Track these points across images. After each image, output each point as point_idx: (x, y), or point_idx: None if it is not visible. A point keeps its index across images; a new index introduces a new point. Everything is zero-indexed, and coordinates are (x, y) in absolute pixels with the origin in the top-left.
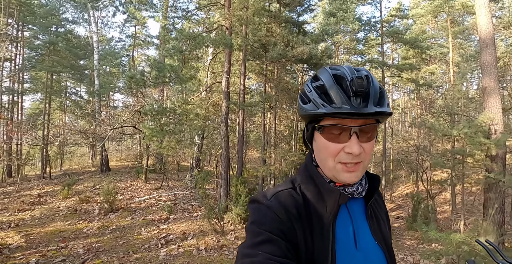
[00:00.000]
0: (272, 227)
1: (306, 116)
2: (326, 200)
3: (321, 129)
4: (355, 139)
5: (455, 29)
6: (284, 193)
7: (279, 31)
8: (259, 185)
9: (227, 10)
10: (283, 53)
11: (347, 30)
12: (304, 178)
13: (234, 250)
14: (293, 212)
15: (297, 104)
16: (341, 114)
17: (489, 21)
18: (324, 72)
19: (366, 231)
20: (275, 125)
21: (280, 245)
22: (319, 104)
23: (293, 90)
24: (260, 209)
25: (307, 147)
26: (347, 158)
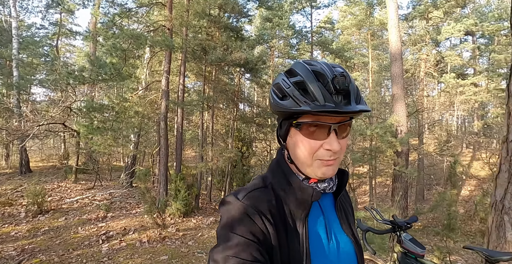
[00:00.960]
0: (244, 230)
1: (283, 112)
2: (300, 197)
3: (299, 126)
4: (334, 136)
5: (374, 42)
6: (256, 193)
7: (219, 36)
8: (198, 181)
9: (168, 12)
10: (222, 57)
11: (282, 36)
12: (276, 176)
13: (176, 240)
14: (266, 212)
15: (270, 99)
16: (325, 112)
17: (398, 39)
18: (302, 68)
19: (336, 224)
20: (213, 124)
21: (253, 248)
22: (301, 101)
23: (230, 92)
24: (231, 210)
25: (280, 143)
26: (326, 155)
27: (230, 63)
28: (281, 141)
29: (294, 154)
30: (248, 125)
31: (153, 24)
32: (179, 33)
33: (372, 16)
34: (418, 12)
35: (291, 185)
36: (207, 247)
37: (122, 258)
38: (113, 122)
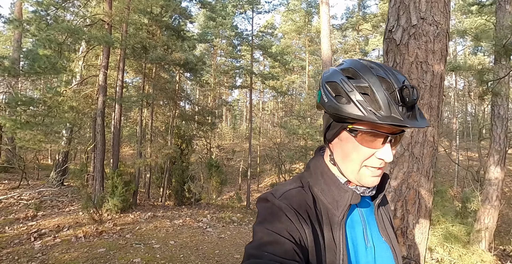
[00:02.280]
0: (281, 227)
1: (339, 116)
2: (338, 199)
3: (354, 132)
4: (389, 146)
5: (312, 48)
6: (293, 192)
7: (160, 35)
8: (136, 178)
9: (108, 7)
10: (162, 56)
11: (225, 35)
12: (314, 176)
13: (114, 234)
14: (303, 212)
15: (323, 98)
16: (391, 125)
17: (329, 48)
18: (365, 70)
19: (374, 229)
20: (152, 121)
21: (288, 247)
22: (366, 109)
23: (170, 90)
24: (268, 208)
25: (325, 142)
26: (376, 163)
27: (171, 63)
28: (326, 141)
29: (342, 157)
30: (188, 123)
31: (91, 17)
32: (118, 29)
33: (310, 24)
34: (350, 23)
35: (329, 186)
36: (145, 239)
37: (58, 253)
38: (44, 117)
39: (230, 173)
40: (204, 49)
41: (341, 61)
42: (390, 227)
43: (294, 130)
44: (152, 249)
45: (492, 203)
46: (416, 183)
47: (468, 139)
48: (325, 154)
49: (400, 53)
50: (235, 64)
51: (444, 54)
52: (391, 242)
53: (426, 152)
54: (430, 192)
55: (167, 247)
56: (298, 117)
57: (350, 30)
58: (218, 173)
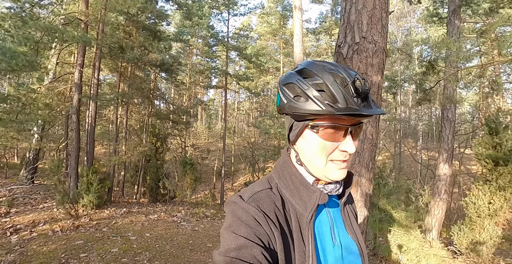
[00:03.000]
0: (249, 231)
1: (299, 114)
2: (306, 200)
3: (316, 128)
4: (350, 138)
5: (286, 50)
6: (262, 194)
7: (136, 35)
8: (110, 175)
9: (84, 6)
10: (139, 57)
11: (201, 35)
12: (282, 177)
13: (91, 228)
14: (272, 214)
15: (282, 99)
16: (349, 115)
17: (301, 52)
18: (318, 69)
19: (341, 227)
20: (127, 119)
21: (256, 251)
22: (323, 104)
23: (146, 89)
24: (236, 212)
25: (289, 144)
26: (340, 156)
27: (147, 63)
28: (290, 142)
29: (307, 156)
30: (163, 122)
31: (68, 15)
32: (95, 28)
33: (285, 27)
34: (323, 28)
35: (297, 187)
36: (121, 232)
37: (35, 245)
38: (17, 113)
39: (205, 172)
40: (180, 48)
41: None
42: (356, 224)
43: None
44: (128, 241)
45: (441, 196)
46: (358, 173)
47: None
48: (291, 154)
49: (346, 65)
50: (210, 64)
51: (381, 67)
52: (357, 238)
53: (366, 147)
54: (370, 181)
55: (143, 239)
56: (272, 117)
57: (323, 34)
58: (192, 170)
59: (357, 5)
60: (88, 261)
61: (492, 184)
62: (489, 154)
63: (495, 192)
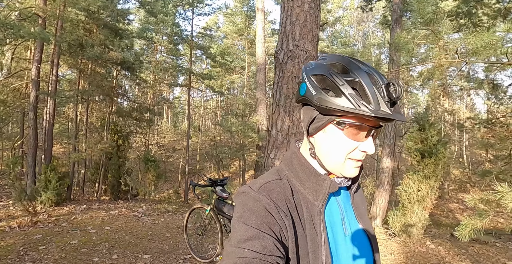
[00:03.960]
0: (260, 222)
1: (329, 108)
2: (317, 188)
3: (342, 125)
4: (371, 139)
5: (251, 50)
6: (272, 184)
7: (97, 33)
8: (70, 173)
9: (42, 2)
10: (99, 55)
11: (165, 32)
12: (291, 168)
13: (49, 224)
14: (283, 204)
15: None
16: (380, 118)
17: (263, 52)
18: (356, 68)
19: (351, 217)
20: (87, 117)
21: (269, 241)
22: (359, 103)
23: (107, 87)
24: (247, 202)
25: (306, 136)
26: (359, 155)
27: (108, 62)
28: (308, 134)
29: (325, 150)
30: (125, 119)
31: (24, 10)
32: (53, 24)
33: (250, 27)
34: None
35: (308, 176)
36: (81, 226)
37: None
38: None
39: (171, 171)
40: (144, 44)
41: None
42: (366, 213)
43: (228, 128)
44: (88, 234)
45: (384, 187)
46: None
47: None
48: (302, 147)
49: (282, 69)
50: (176, 62)
51: None
52: (367, 227)
53: None
54: None
55: (103, 232)
56: (236, 116)
57: None
58: (155, 167)
59: (292, 18)
60: (47, 252)
61: (419, 173)
62: (417, 147)
63: (422, 180)
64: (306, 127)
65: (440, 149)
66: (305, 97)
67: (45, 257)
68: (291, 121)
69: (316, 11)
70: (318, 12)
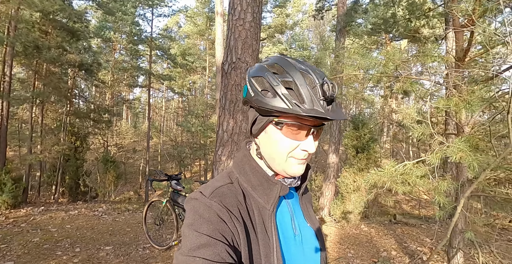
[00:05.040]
0: (212, 229)
1: (265, 109)
2: (268, 192)
3: (280, 125)
4: (312, 138)
5: (212, 51)
6: (223, 189)
7: (54, 35)
8: (26, 175)
9: None
10: (56, 58)
11: (125, 31)
12: (242, 171)
13: (7, 225)
14: (235, 209)
15: (249, 92)
16: (314, 117)
17: (222, 55)
18: (289, 66)
19: (300, 217)
20: (42, 118)
21: (221, 248)
22: (291, 102)
23: (64, 89)
24: (197, 208)
25: (251, 137)
26: (301, 155)
27: (65, 64)
28: (252, 135)
29: (268, 150)
30: (83, 121)
31: None
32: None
33: (211, 28)
34: None
35: (259, 180)
36: (41, 226)
37: None
38: None
39: (131, 172)
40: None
41: (265, 58)
42: (313, 213)
43: (188, 128)
44: (49, 232)
45: (330, 180)
46: None
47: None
48: (252, 148)
49: (227, 78)
50: (136, 62)
51: None
52: (315, 227)
53: (241, 139)
54: None
55: (64, 230)
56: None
57: None
58: (114, 167)
59: (235, 34)
60: (9, 250)
61: (354, 166)
62: (353, 144)
63: (357, 172)
64: (249, 128)
65: (371, 145)
66: (247, 99)
67: (7, 254)
68: (235, 123)
69: (256, 29)
70: (258, 29)
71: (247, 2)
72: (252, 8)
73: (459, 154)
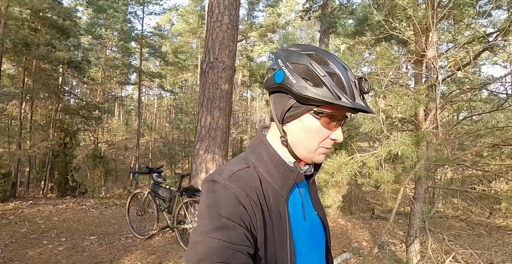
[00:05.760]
0: (231, 211)
1: (308, 97)
2: (283, 179)
3: (320, 114)
4: (340, 128)
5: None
6: (241, 173)
7: (43, 33)
8: (14, 170)
9: None
10: (45, 55)
11: (116, 28)
12: (259, 156)
13: None
14: (253, 194)
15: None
16: (356, 110)
17: None
18: (334, 60)
19: (309, 204)
20: (32, 114)
21: (239, 232)
22: (339, 94)
23: (53, 86)
24: (217, 190)
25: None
26: (329, 143)
27: (54, 61)
28: (282, 122)
29: (299, 138)
30: (72, 117)
31: None
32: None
33: (203, 27)
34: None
35: (276, 166)
36: (28, 218)
37: None
38: None
39: (122, 170)
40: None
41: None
42: (320, 202)
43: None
44: (36, 224)
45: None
46: (213, 151)
47: None
48: (270, 134)
49: (205, 77)
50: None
51: (229, 79)
52: (322, 215)
53: (218, 133)
54: (222, 156)
55: (51, 222)
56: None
57: (240, 36)
58: (103, 163)
59: (213, 36)
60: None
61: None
62: None
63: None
64: (282, 115)
65: (349, 142)
66: (283, 85)
67: None
68: (212, 119)
69: (232, 31)
70: (234, 31)
71: (224, 5)
72: (229, 11)
73: (402, 147)
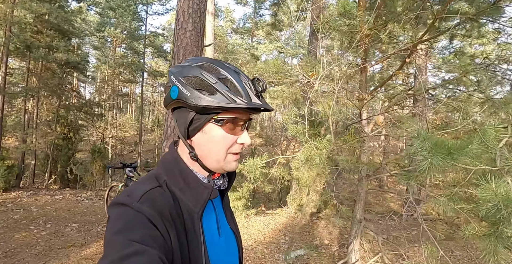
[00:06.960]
0: (143, 235)
1: (206, 107)
2: (197, 196)
3: (221, 121)
4: (246, 131)
5: None
6: (153, 193)
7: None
8: (19, 162)
9: None
10: (45, 56)
11: (125, 26)
12: (171, 174)
13: None
14: (166, 214)
15: (184, 93)
16: (253, 110)
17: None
18: (223, 66)
19: (223, 219)
20: (37, 111)
21: (153, 257)
22: (234, 97)
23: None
24: (127, 214)
25: (184, 139)
26: (238, 148)
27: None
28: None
29: (206, 150)
30: (75, 114)
31: None
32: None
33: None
34: (244, 29)
35: (188, 184)
36: (24, 206)
37: None
38: None
39: None
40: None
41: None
42: (233, 215)
43: None
44: (30, 211)
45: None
46: None
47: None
48: (180, 150)
49: None
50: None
51: None
52: (235, 229)
53: None
54: None
55: (44, 210)
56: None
57: (246, 34)
58: (101, 157)
59: (178, 42)
60: None
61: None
62: None
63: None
64: (185, 130)
65: None
66: (179, 100)
67: None
68: None
69: (197, 37)
70: (199, 38)
71: (188, 14)
72: (193, 18)
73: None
